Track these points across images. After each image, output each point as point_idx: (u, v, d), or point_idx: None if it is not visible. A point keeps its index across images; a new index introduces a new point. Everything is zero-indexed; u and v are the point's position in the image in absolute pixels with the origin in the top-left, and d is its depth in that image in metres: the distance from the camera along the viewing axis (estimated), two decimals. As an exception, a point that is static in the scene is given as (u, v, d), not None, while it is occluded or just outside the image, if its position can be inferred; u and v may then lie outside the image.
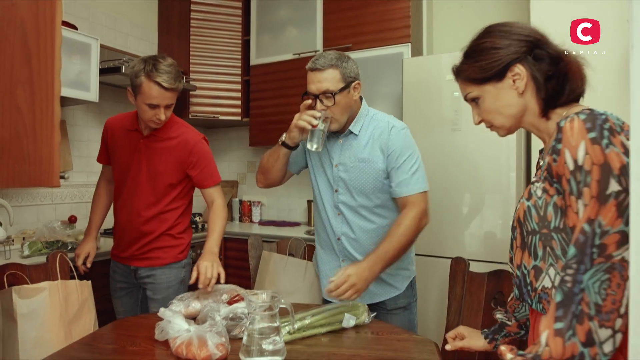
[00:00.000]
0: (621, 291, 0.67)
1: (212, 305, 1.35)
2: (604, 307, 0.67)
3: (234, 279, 2.90)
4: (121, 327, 1.38)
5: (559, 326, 0.70)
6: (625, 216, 0.69)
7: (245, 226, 3.24)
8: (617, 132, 0.75)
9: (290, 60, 2.99)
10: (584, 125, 0.76)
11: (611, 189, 0.71)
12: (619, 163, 0.72)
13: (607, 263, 0.68)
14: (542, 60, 0.91)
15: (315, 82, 1.47)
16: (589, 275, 0.69)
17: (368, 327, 1.37)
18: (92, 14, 2.79)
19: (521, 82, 0.92)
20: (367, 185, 1.53)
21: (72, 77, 2.26)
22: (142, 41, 3.16)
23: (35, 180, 0.92)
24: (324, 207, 1.62)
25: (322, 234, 1.67)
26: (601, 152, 0.73)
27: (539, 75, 0.91)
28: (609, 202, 0.71)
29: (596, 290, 0.68)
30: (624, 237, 0.69)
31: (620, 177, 0.71)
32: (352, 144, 1.55)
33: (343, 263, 1.58)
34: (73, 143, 2.66)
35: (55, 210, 2.53)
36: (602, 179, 0.72)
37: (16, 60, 0.91)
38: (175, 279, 1.90)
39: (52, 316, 1.44)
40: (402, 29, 2.60)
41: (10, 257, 1.93)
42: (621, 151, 0.73)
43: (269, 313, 1.10)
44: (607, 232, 0.70)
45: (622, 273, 0.68)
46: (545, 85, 0.91)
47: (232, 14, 3.22)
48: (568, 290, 0.71)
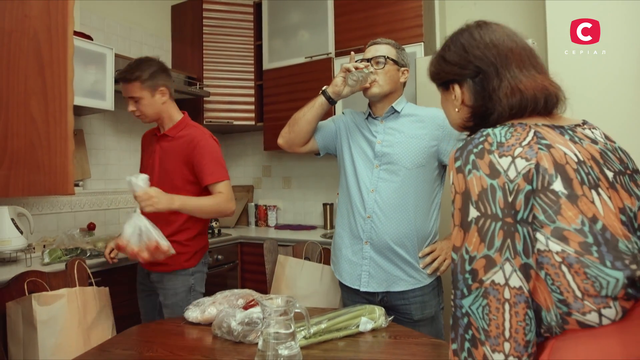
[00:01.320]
0: (501, 315, 0.67)
1: (227, 310, 1.35)
2: (490, 332, 0.68)
3: (250, 283, 2.93)
4: (139, 333, 1.39)
5: (454, 347, 0.72)
6: (487, 240, 0.69)
7: (261, 230, 3.25)
8: (489, 152, 0.73)
9: (302, 64, 3.00)
10: (454, 154, 0.77)
11: (471, 215, 0.71)
12: (478, 188, 0.71)
13: (481, 288, 0.69)
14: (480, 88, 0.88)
15: (372, 51, 1.61)
16: (470, 300, 0.70)
17: (385, 331, 1.35)
18: (106, 25, 2.84)
19: (456, 102, 0.92)
20: (410, 160, 1.54)
21: (88, 87, 2.30)
22: (156, 49, 3.20)
23: (50, 189, 0.94)
24: (357, 186, 1.60)
25: (349, 216, 1.63)
26: (463, 179, 0.73)
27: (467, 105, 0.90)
28: (471, 228, 0.71)
29: (480, 315, 0.69)
30: (489, 261, 0.69)
31: (479, 203, 0.71)
32: (397, 122, 1.60)
33: (366, 246, 1.56)
34: (91, 151, 2.71)
35: (75, 218, 2.57)
36: (462, 207, 0.73)
37: (30, 72, 0.92)
38: (182, 286, 1.88)
39: (70, 323, 1.46)
40: (414, 28, 2.58)
41: (31, 265, 1.97)
42: (485, 173, 0.71)
43: (284, 318, 1.09)
44: (474, 257, 0.70)
45: (497, 297, 0.68)
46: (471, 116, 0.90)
47: (243, 19, 3.24)
48: (453, 314, 0.73)
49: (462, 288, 0.71)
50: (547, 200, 0.69)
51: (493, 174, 0.71)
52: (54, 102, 0.95)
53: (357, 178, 1.61)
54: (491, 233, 0.69)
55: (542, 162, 0.70)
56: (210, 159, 1.80)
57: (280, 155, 3.52)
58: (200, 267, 1.96)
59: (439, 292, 1.61)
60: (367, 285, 1.56)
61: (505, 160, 0.71)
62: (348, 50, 2.78)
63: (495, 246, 0.69)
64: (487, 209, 0.70)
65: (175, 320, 1.49)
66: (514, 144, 0.72)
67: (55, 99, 0.95)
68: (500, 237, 0.69)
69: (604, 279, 0.66)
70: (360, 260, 1.58)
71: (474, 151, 0.74)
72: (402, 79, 1.63)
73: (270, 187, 3.60)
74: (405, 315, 1.55)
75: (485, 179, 0.71)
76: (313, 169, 3.37)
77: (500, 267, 0.68)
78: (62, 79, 0.96)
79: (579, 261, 0.67)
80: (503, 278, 0.68)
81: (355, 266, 1.59)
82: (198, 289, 1.94)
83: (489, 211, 0.70)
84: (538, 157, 0.70)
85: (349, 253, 1.61)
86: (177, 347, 1.25)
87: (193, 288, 1.91)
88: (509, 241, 0.68)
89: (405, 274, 1.54)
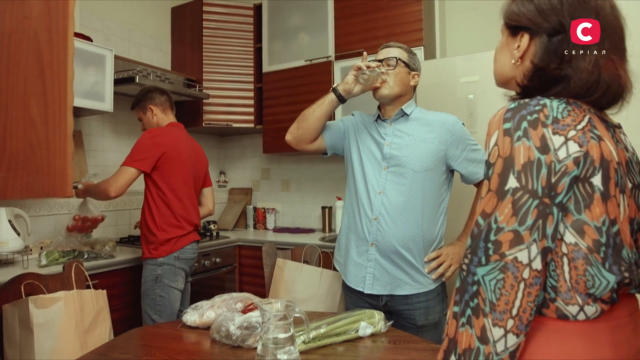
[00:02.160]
0: (514, 293, 0.66)
1: (226, 314, 1.34)
2: (497, 307, 0.66)
3: (248, 286, 2.91)
4: (137, 337, 1.38)
5: (456, 310, 0.71)
6: (520, 215, 0.67)
7: (259, 233, 3.24)
8: (543, 124, 0.68)
9: (302, 67, 3.00)
10: (503, 115, 0.72)
11: (509, 184, 0.68)
12: (524, 158, 0.68)
13: (502, 262, 0.67)
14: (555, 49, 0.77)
15: (384, 53, 1.63)
16: (485, 270, 0.68)
17: (385, 336, 1.34)
18: (106, 26, 2.83)
19: (517, 53, 0.82)
20: (418, 163, 1.54)
21: (87, 88, 2.29)
22: (156, 51, 3.20)
23: (48, 191, 0.93)
24: (364, 187, 1.60)
25: (355, 217, 1.62)
26: (510, 144, 0.69)
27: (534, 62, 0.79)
28: (506, 198, 0.68)
29: (492, 288, 0.67)
30: (517, 236, 0.66)
31: (521, 174, 0.67)
32: (406, 125, 1.60)
33: (372, 248, 1.56)
34: (89, 153, 2.70)
35: (73, 220, 2.55)
36: (502, 173, 0.69)
37: (30, 73, 0.92)
38: (150, 275, 2.03)
39: (67, 326, 1.45)
40: (414, 32, 2.58)
41: (28, 267, 1.95)
42: (535, 145, 0.67)
43: (283, 322, 1.08)
44: (502, 229, 0.67)
45: (516, 274, 0.66)
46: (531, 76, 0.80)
47: (243, 21, 3.24)
48: (463, 278, 0.71)
49: (480, 256, 0.69)
50: (583, 191, 0.68)
51: (543, 149, 0.67)
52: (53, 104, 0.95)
53: (365, 179, 1.61)
54: (526, 209, 0.67)
55: (591, 151, 0.68)
56: (133, 147, 2.03)
57: (279, 158, 3.52)
58: (170, 260, 2.04)
59: (443, 298, 1.61)
60: (372, 288, 1.55)
61: (558, 138, 0.68)
62: (348, 54, 2.79)
63: (527, 224, 0.66)
64: (527, 183, 0.67)
65: (173, 323, 1.48)
66: (569, 125, 0.69)
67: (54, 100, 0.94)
68: (534, 216, 0.66)
69: (598, 279, 0.68)
70: (365, 262, 1.57)
71: (527, 118, 0.70)
72: (412, 82, 1.64)
73: (269, 189, 3.59)
74: (408, 321, 1.55)
75: (534, 151, 0.68)
76: (312, 172, 3.36)
77: (527, 247, 0.66)
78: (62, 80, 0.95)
79: (586, 257, 0.68)
80: (527, 258, 0.66)
81: (360, 268, 1.58)
82: (166, 282, 2.02)
83: (529, 186, 0.67)
84: (589, 146, 0.68)
85: (354, 254, 1.60)
86: (175, 351, 1.24)
87: (160, 279, 2.01)
88: (540, 222, 0.67)
89: (410, 278, 1.53)
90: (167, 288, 2.03)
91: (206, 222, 3.30)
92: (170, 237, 2.05)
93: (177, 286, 2.07)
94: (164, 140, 2.08)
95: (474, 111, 2.14)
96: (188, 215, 2.13)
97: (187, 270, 2.15)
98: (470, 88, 2.16)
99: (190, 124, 3.18)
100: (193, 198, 2.21)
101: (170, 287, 2.04)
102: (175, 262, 2.06)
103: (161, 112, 2.24)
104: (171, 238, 2.05)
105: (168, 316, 2.03)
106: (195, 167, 2.24)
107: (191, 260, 2.16)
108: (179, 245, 2.07)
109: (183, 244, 2.09)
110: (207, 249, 2.70)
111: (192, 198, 2.20)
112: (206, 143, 3.62)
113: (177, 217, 2.08)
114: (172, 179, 2.08)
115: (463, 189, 1.78)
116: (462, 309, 0.70)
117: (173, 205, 2.08)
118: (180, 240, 2.08)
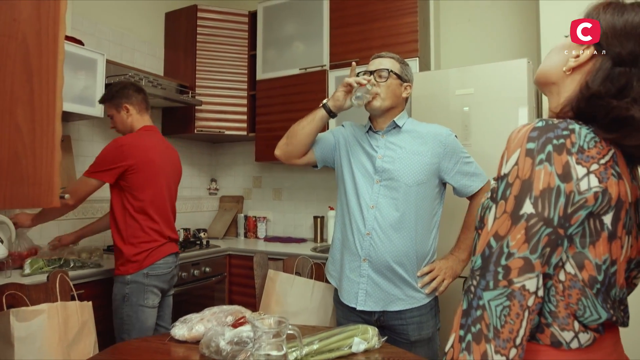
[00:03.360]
0: (519, 322, 0.64)
1: (216, 329, 1.30)
2: (501, 334, 0.64)
3: (238, 296, 2.87)
4: (122, 351, 1.33)
5: (461, 334, 0.68)
6: (532, 243, 0.64)
7: (250, 242, 3.19)
8: (568, 152, 0.65)
9: (296, 75, 2.98)
10: (529, 133, 0.67)
11: (524, 209, 0.65)
12: (544, 184, 0.64)
13: (509, 289, 0.64)
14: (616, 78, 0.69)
15: (376, 64, 1.59)
16: (491, 295, 0.65)
17: (378, 352, 1.31)
18: (98, 30, 2.79)
19: (572, 62, 0.75)
20: (411, 176, 1.51)
21: (77, 93, 2.25)
22: (149, 56, 3.16)
23: (33, 201, 0.89)
24: (357, 201, 1.57)
25: (346, 231, 1.60)
26: (531, 166, 0.65)
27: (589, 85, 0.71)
28: (520, 223, 0.65)
29: (497, 314, 0.64)
30: (527, 264, 0.64)
31: (538, 200, 0.64)
32: (398, 137, 1.58)
33: (364, 263, 1.53)
34: (78, 158, 2.64)
35: (59, 227, 2.49)
36: (519, 196, 0.66)
37: (17, 78, 0.88)
38: (118, 293, 1.92)
39: (50, 340, 1.40)
40: (409, 43, 2.58)
41: (11, 276, 1.89)
42: (557, 172, 0.64)
43: (276, 340, 1.04)
44: (512, 254, 0.65)
45: (522, 303, 0.64)
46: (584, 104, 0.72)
47: (238, 28, 3.22)
48: (471, 300, 0.67)
49: (489, 280, 0.66)
50: (592, 227, 0.66)
51: (564, 177, 0.64)
52: (41, 111, 0.91)
53: (356, 193, 1.58)
54: (539, 237, 0.64)
55: (610, 189, 0.66)
56: (98, 156, 1.95)
57: (271, 166, 3.48)
58: (138, 278, 1.91)
59: (436, 313, 1.58)
60: (364, 304, 1.52)
61: (581, 169, 0.65)
62: (343, 63, 2.78)
63: (539, 252, 0.64)
64: (544, 211, 0.64)
65: (161, 337, 1.43)
66: (594, 157, 0.66)
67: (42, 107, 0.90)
68: (543, 243, 0.64)
69: (590, 311, 0.68)
70: (357, 278, 1.54)
71: (553, 142, 0.66)
72: (404, 94, 1.62)
73: (260, 198, 3.56)
74: (401, 336, 1.52)
75: (554, 178, 0.64)
76: (304, 181, 3.33)
77: (537, 276, 0.64)
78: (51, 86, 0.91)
79: (582, 289, 0.68)
80: (535, 286, 0.64)
81: (352, 283, 1.55)
82: (134, 300, 1.90)
83: (545, 213, 0.64)
84: (608, 183, 0.66)
85: (347, 270, 1.57)
86: (163, 367, 1.20)
87: (127, 298, 1.89)
88: (547, 250, 0.65)
89: (403, 293, 1.51)
90: (136, 307, 1.89)
91: (196, 230, 3.25)
92: (139, 251, 1.91)
93: (148, 304, 1.93)
94: (133, 151, 1.93)
95: (468, 124, 2.14)
96: (159, 228, 1.99)
97: (161, 286, 2.00)
98: (465, 100, 2.16)
99: (182, 130, 3.14)
100: (166, 208, 2.06)
101: (139, 306, 1.90)
102: (144, 280, 1.91)
103: (137, 112, 2.07)
104: (140, 252, 1.91)
105: (138, 335, 1.88)
106: (169, 174, 2.11)
107: (165, 276, 2.00)
108: (149, 261, 1.93)
109: (154, 259, 1.94)
110: (196, 258, 2.65)
111: (164, 209, 2.04)
112: (198, 150, 3.57)
113: (146, 230, 1.94)
114: (140, 190, 1.94)
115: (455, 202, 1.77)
116: (464, 334, 0.68)
117: (141, 218, 1.94)
118: (151, 254, 1.94)
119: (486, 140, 2.11)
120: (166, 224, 2.05)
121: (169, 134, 3.20)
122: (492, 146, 2.11)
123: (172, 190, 2.14)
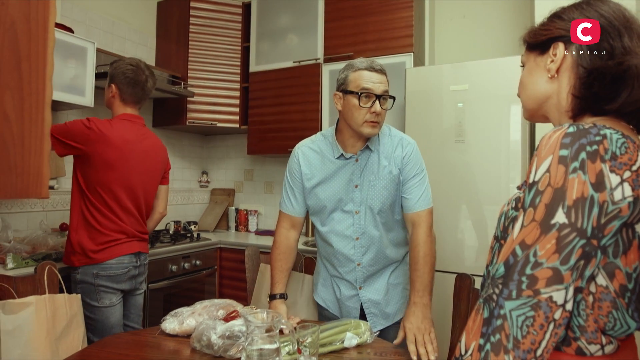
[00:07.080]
0: (542, 333, 0.62)
1: (207, 322, 1.28)
2: (522, 345, 0.62)
3: (228, 289, 2.85)
4: (112, 345, 1.32)
5: (481, 342, 0.66)
6: (563, 254, 0.62)
7: (241, 235, 3.17)
8: (602, 159, 0.63)
9: (290, 68, 2.95)
10: (561, 139, 0.65)
11: (556, 219, 0.62)
12: (577, 194, 0.62)
13: (534, 299, 0.62)
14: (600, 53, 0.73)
15: (377, 82, 1.42)
16: (514, 305, 0.63)
17: (371, 347, 1.31)
18: (89, 18, 2.74)
19: (553, 65, 0.78)
20: (387, 200, 1.48)
21: (67, 81, 2.20)
22: (140, 46, 3.11)
23: (22, 191, 0.86)
24: (340, 235, 1.52)
25: (336, 265, 1.56)
26: (564, 174, 0.63)
27: (584, 66, 0.74)
28: (551, 233, 0.62)
29: (519, 324, 0.62)
30: (556, 275, 0.62)
31: (571, 210, 0.62)
32: (370, 162, 1.49)
33: (361, 291, 1.53)
34: (66, 148, 2.59)
35: (47, 218, 2.46)
36: (550, 205, 0.63)
37: (5, 64, 0.85)
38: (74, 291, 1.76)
39: (38, 333, 1.37)
40: (404, 38, 2.57)
41: (-2, 267, 1.85)
42: (590, 181, 0.62)
43: (268, 334, 1.04)
44: (540, 264, 0.62)
45: (547, 314, 0.61)
46: (589, 82, 0.73)
47: (232, 19, 3.18)
48: (492, 309, 0.65)
49: (512, 289, 0.63)
50: (625, 236, 0.65)
51: (598, 186, 0.62)
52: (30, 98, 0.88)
53: (337, 226, 1.53)
54: (571, 248, 0.62)
55: None
56: (65, 123, 1.81)
57: (263, 160, 3.46)
58: (87, 278, 1.76)
59: None
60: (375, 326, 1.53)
61: (614, 177, 0.63)
62: (337, 57, 2.76)
63: (570, 264, 0.62)
64: (577, 221, 0.62)
65: (151, 330, 1.42)
66: (626, 164, 0.64)
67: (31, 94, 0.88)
68: (577, 256, 0.62)
69: (620, 323, 0.67)
70: (356, 305, 1.56)
71: (587, 149, 0.63)
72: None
73: (251, 191, 3.53)
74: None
75: (588, 188, 0.62)
76: (296, 175, 3.32)
77: (566, 288, 0.62)
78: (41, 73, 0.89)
79: (614, 301, 0.66)
80: (563, 299, 0.62)
81: (354, 311, 1.56)
82: (88, 300, 1.75)
83: (578, 224, 0.62)
84: None
85: (344, 299, 1.57)
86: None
87: (82, 298, 1.71)
88: (581, 263, 0.62)
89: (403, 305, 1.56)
90: (90, 307, 1.76)
91: (186, 222, 3.22)
92: (84, 244, 1.76)
93: (104, 304, 1.78)
94: (98, 139, 1.76)
95: (462, 120, 2.14)
96: (117, 226, 1.82)
97: (117, 287, 1.81)
98: (459, 96, 2.15)
99: (174, 122, 3.10)
100: (128, 205, 1.86)
101: (94, 307, 1.76)
102: (94, 280, 1.75)
103: (120, 100, 1.92)
104: (87, 247, 1.76)
105: (101, 334, 1.76)
106: (145, 168, 1.93)
107: (121, 276, 1.81)
108: (93, 259, 1.75)
109: (106, 256, 1.78)
110: (187, 251, 2.63)
111: (126, 205, 1.85)
112: (189, 142, 3.54)
113: (102, 226, 1.79)
114: (100, 183, 1.78)
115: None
116: (484, 343, 0.65)
117: (97, 213, 1.78)
118: (103, 252, 1.78)
119: (480, 136, 2.12)
120: (132, 220, 1.89)
121: (160, 125, 3.16)
122: (485, 142, 2.12)
123: (147, 185, 1.95)
